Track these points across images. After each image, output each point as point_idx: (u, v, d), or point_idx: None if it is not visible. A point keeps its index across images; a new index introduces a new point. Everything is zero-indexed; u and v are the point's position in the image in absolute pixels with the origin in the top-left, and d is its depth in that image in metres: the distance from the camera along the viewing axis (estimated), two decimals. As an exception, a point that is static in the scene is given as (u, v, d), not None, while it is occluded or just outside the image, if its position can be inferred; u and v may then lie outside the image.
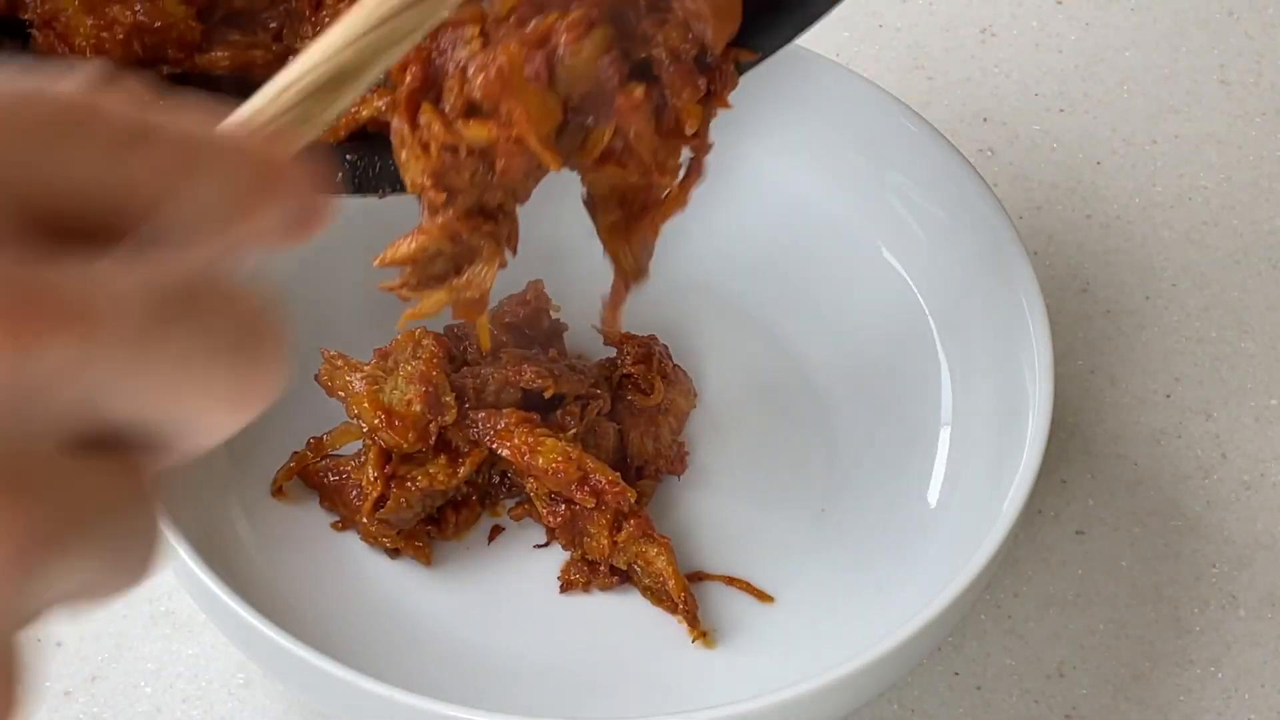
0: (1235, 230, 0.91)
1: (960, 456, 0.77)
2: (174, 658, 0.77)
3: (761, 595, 0.76)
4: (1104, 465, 0.83)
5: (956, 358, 0.79)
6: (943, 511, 0.76)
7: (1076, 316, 0.88)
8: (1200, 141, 0.95)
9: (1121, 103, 0.96)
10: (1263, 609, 0.79)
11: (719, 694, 0.70)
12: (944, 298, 0.80)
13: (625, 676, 0.73)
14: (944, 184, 0.80)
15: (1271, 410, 0.85)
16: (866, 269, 0.83)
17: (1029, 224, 0.91)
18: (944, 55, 0.98)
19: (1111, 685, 0.77)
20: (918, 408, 0.80)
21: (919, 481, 0.77)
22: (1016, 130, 0.95)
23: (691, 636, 0.74)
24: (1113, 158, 0.94)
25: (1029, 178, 0.93)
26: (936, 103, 0.96)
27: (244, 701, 0.75)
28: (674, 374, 0.79)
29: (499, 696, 0.71)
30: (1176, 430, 0.84)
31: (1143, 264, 0.90)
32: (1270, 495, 0.82)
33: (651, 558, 0.74)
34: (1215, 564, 0.80)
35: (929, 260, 0.81)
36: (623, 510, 0.74)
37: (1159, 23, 1.00)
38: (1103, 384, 0.86)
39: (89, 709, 0.75)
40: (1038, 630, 0.78)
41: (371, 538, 0.75)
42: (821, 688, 0.66)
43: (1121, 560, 0.80)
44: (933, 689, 0.77)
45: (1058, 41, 0.99)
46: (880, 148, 0.82)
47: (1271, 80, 0.97)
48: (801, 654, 0.73)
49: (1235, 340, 0.87)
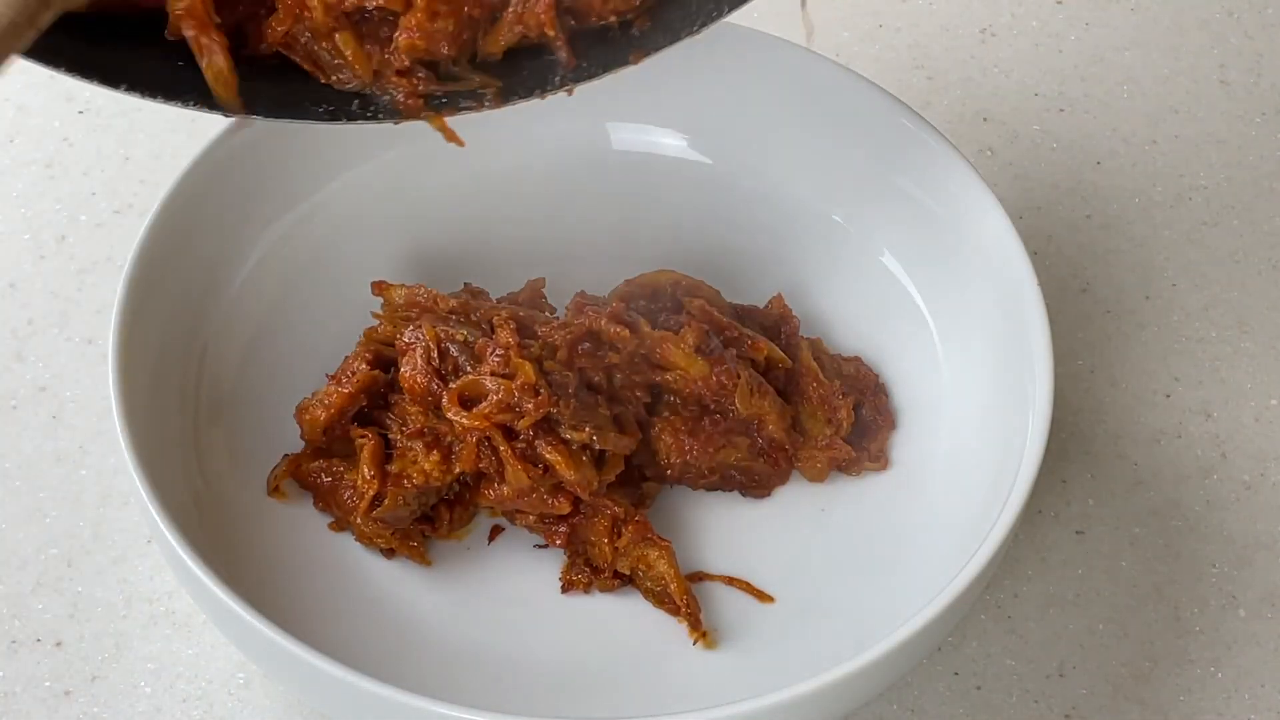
0: (1235, 230, 0.91)
1: (960, 456, 0.77)
2: (174, 658, 0.77)
3: (761, 595, 0.76)
4: (1104, 465, 0.83)
5: (956, 358, 0.79)
6: (943, 511, 0.76)
7: (1076, 316, 0.88)
8: (1200, 141, 0.95)
9: (1121, 103, 0.96)
10: (1263, 609, 0.79)
11: (719, 694, 0.70)
12: (944, 298, 0.80)
13: (625, 676, 0.73)
14: (944, 184, 0.80)
15: (1271, 410, 0.85)
16: (866, 269, 0.83)
17: (1029, 224, 0.91)
18: (944, 55, 0.98)
19: (1111, 685, 0.77)
20: (917, 407, 0.80)
21: (919, 481, 0.78)
22: (1016, 130, 0.95)
23: (692, 637, 0.74)
24: (1113, 158, 0.94)
25: (1029, 178, 0.93)
26: (936, 103, 0.96)
27: (244, 701, 0.75)
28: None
29: (499, 696, 0.71)
30: (1176, 430, 0.84)
31: (1143, 264, 0.90)
32: (1270, 495, 0.82)
33: (652, 561, 0.74)
34: (1215, 564, 0.80)
35: (929, 260, 0.81)
36: (614, 512, 0.74)
37: (1159, 23, 1.00)
38: (1103, 384, 0.86)
39: (89, 709, 0.75)
40: (1038, 630, 0.78)
41: (366, 538, 0.75)
42: (821, 688, 0.66)
43: (1121, 560, 0.80)
44: (933, 689, 0.77)
45: (1058, 41, 0.99)
46: (880, 148, 0.82)
47: (1271, 80, 0.97)
48: (801, 654, 0.73)
49: (1235, 340, 0.87)
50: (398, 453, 0.74)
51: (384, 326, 0.77)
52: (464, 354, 0.73)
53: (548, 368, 0.72)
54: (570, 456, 0.72)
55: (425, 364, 0.73)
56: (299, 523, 0.76)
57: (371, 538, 0.75)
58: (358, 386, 0.75)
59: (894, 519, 0.77)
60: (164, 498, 0.69)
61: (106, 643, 0.77)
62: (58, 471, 0.81)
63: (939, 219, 0.80)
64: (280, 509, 0.76)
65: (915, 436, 0.79)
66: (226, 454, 0.77)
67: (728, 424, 0.76)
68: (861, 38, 0.98)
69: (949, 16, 1.00)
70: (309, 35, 0.66)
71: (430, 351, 0.73)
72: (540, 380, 0.71)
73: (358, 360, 0.76)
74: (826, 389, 0.78)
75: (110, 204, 0.91)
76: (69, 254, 0.89)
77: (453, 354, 0.73)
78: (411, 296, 0.76)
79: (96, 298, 0.87)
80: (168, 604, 0.78)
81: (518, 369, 0.72)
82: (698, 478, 0.77)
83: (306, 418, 0.75)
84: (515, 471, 0.71)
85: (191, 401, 0.77)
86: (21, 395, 0.84)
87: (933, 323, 0.81)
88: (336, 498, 0.75)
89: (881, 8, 0.99)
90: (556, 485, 0.73)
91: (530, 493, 0.72)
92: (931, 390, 0.80)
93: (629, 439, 0.74)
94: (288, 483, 0.77)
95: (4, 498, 0.81)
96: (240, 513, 0.76)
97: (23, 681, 0.76)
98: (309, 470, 0.76)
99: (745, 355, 0.77)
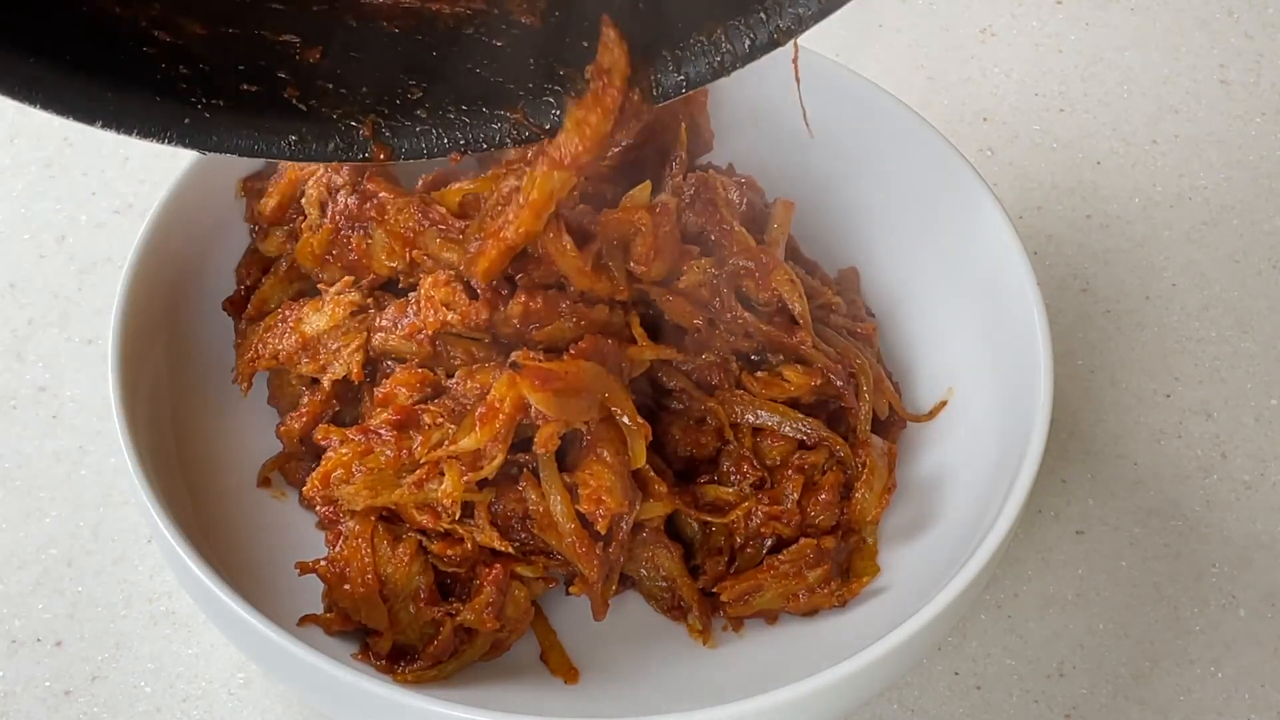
0: (1235, 230, 0.91)
1: (960, 456, 0.77)
2: (174, 658, 0.77)
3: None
4: (1104, 465, 0.83)
5: (956, 358, 0.79)
6: (943, 511, 0.76)
7: (1076, 316, 0.88)
8: (1200, 141, 0.95)
9: (1121, 103, 0.96)
10: (1263, 609, 0.79)
11: (719, 694, 0.70)
12: (944, 298, 0.80)
13: (625, 676, 0.73)
14: (944, 184, 0.80)
15: (1271, 410, 0.85)
16: (866, 269, 0.83)
17: (1029, 224, 0.91)
18: (944, 55, 0.98)
19: (1111, 685, 0.77)
20: (917, 407, 0.80)
21: (919, 481, 0.77)
22: (1016, 130, 0.95)
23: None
24: (1113, 158, 0.94)
25: (1029, 178, 0.93)
26: (936, 103, 0.96)
27: (244, 701, 0.76)
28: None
29: (499, 697, 0.71)
30: (1176, 430, 0.84)
31: (1143, 264, 0.90)
32: (1270, 495, 0.82)
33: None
34: (1215, 564, 0.80)
35: (928, 260, 0.81)
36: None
37: (1159, 23, 1.00)
38: (1103, 384, 0.86)
39: (89, 709, 0.75)
40: (1038, 630, 0.78)
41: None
42: (821, 687, 0.66)
43: (1121, 560, 0.80)
44: (933, 689, 0.77)
45: (1058, 41, 0.99)
46: (880, 148, 0.82)
47: (1271, 80, 0.97)
48: (802, 654, 0.73)
49: (1235, 340, 0.87)
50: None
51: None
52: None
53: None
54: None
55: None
56: (299, 523, 0.76)
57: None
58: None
59: (894, 518, 0.77)
60: (164, 498, 0.69)
61: (106, 643, 0.77)
62: (58, 471, 0.81)
63: (939, 219, 0.80)
64: (281, 511, 0.76)
65: (915, 436, 0.79)
66: (227, 454, 0.77)
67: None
68: (861, 38, 0.98)
69: (949, 16, 1.00)
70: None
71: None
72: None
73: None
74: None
75: (110, 204, 0.91)
76: (69, 254, 0.89)
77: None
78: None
79: (96, 298, 0.87)
80: (168, 604, 0.78)
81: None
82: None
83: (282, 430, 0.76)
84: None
85: (192, 401, 0.77)
86: (21, 395, 0.84)
87: (933, 323, 0.81)
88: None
89: (881, 7, 0.99)
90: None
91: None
92: (931, 390, 0.80)
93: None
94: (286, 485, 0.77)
95: (4, 498, 0.81)
96: (240, 513, 0.76)
97: (23, 681, 0.76)
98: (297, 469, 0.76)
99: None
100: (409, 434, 0.70)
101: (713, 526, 0.74)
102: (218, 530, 0.74)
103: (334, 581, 0.71)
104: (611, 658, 0.74)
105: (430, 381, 0.72)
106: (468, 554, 0.71)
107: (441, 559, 0.71)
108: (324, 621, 0.71)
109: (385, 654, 0.71)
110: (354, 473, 0.71)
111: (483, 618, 0.70)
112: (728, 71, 0.65)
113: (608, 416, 0.70)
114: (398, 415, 0.71)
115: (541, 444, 0.69)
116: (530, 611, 0.72)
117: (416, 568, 0.71)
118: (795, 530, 0.74)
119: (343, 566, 0.71)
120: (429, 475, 0.70)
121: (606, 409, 0.70)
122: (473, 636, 0.71)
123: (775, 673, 0.70)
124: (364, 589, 0.70)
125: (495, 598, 0.70)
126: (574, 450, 0.71)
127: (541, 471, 0.70)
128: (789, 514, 0.74)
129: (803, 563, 0.73)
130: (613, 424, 0.71)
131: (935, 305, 0.81)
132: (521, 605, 0.72)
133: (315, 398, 0.75)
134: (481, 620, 0.70)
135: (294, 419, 0.75)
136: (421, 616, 0.71)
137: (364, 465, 0.71)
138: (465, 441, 0.69)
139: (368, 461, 0.71)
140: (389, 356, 0.74)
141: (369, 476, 0.71)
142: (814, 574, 0.73)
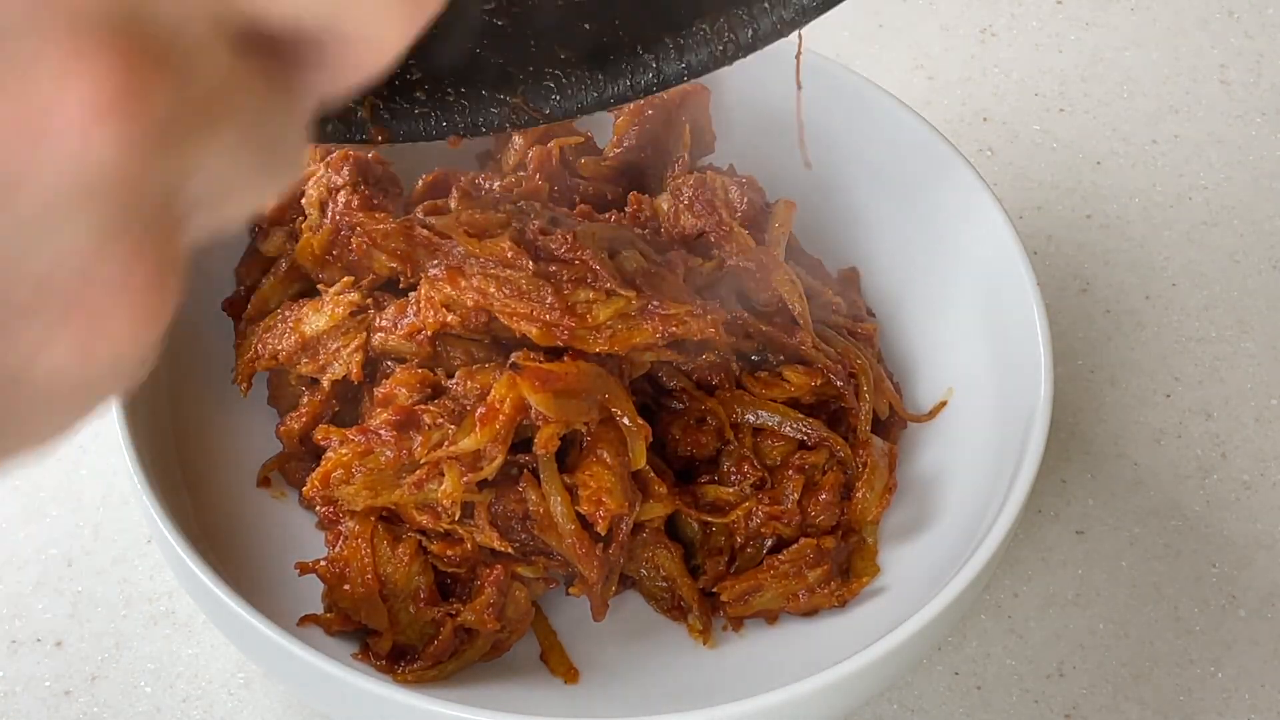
0: (1235, 230, 0.91)
1: (960, 456, 0.77)
2: (174, 658, 0.77)
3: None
4: (1104, 465, 0.83)
5: (957, 358, 0.79)
6: (943, 511, 0.76)
7: (1076, 316, 0.88)
8: (1200, 141, 0.95)
9: (1121, 103, 0.96)
10: (1263, 609, 0.79)
11: (719, 694, 0.70)
12: (944, 298, 0.80)
13: (625, 676, 0.73)
14: (944, 184, 0.80)
15: (1271, 410, 0.85)
16: (866, 269, 0.83)
17: (1029, 224, 0.91)
18: (944, 55, 0.98)
19: (1111, 685, 0.77)
20: (918, 407, 0.80)
21: (919, 481, 0.77)
22: (1016, 130, 0.95)
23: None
24: (1113, 158, 0.94)
25: (1029, 178, 0.93)
26: (936, 103, 0.96)
27: (244, 701, 0.76)
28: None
29: (499, 697, 0.71)
30: (1176, 430, 0.84)
31: (1143, 264, 0.90)
32: (1270, 495, 0.82)
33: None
34: (1215, 564, 0.80)
35: (928, 261, 0.81)
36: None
37: (1159, 23, 1.00)
38: (1103, 384, 0.86)
39: (89, 709, 0.75)
40: (1038, 630, 0.78)
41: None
42: (822, 687, 0.66)
43: (1121, 560, 0.80)
44: (933, 689, 0.77)
45: (1058, 41, 0.99)
46: (881, 148, 0.82)
47: (1271, 80, 0.97)
48: (802, 654, 0.73)
49: (1235, 340, 0.87)
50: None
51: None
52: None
53: None
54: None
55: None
56: (299, 523, 0.76)
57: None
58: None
59: (894, 518, 0.77)
60: (164, 498, 0.69)
61: (106, 643, 0.77)
62: (58, 471, 0.81)
63: (938, 219, 0.80)
64: (282, 511, 0.76)
65: (915, 436, 0.79)
66: (227, 454, 0.77)
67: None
68: (861, 38, 0.98)
69: (949, 16, 1.00)
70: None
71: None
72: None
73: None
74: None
75: (110, 204, 0.91)
76: (69, 254, 0.89)
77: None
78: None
79: (96, 298, 0.87)
80: (168, 604, 0.78)
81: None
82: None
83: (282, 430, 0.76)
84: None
85: (192, 401, 0.77)
86: (21, 395, 0.84)
87: (932, 323, 0.81)
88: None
89: (881, 8, 0.99)
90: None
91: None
92: (931, 390, 0.80)
93: None
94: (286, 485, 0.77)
95: (4, 498, 0.81)
96: (240, 513, 0.76)
97: (23, 681, 0.76)
98: (297, 469, 0.76)
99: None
100: (409, 434, 0.70)
101: (713, 527, 0.74)
102: (218, 530, 0.74)
103: (334, 582, 0.71)
104: (611, 658, 0.74)
105: (430, 382, 0.72)
106: (468, 554, 0.71)
107: (441, 559, 0.71)
108: (324, 621, 0.71)
109: (385, 654, 0.71)
110: (354, 473, 0.71)
111: (483, 618, 0.70)
112: (729, 61, 0.65)
113: (608, 417, 0.70)
114: (398, 415, 0.71)
115: (542, 445, 0.69)
116: (530, 612, 0.72)
117: (416, 568, 0.71)
118: (795, 530, 0.74)
119: (343, 567, 0.71)
120: (429, 476, 0.70)
121: (606, 410, 0.70)
122: (473, 637, 0.71)
123: (775, 673, 0.70)
124: (364, 589, 0.70)
125: (495, 598, 0.70)
126: (574, 451, 0.71)
127: (541, 472, 0.70)
128: (789, 514, 0.74)
129: (803, 563, 0.73)
130: (613, 425, 0.70)
131: (935, 305, 0.81)
132: (522, 606, 0.72)
133: (315, 398, 0.75)
134: (482, 621, 0.70)
135: (294, 419, 0.75)
136: (421, 617, 0.71)
137: (364, 465, 0.71)
138: (465, 442, 0.69)
139: (368, 462, 0.71)
140: (389, 356, 0.74)
141: (369, 477, 0.71)
142: (814, 574, 0.73)
